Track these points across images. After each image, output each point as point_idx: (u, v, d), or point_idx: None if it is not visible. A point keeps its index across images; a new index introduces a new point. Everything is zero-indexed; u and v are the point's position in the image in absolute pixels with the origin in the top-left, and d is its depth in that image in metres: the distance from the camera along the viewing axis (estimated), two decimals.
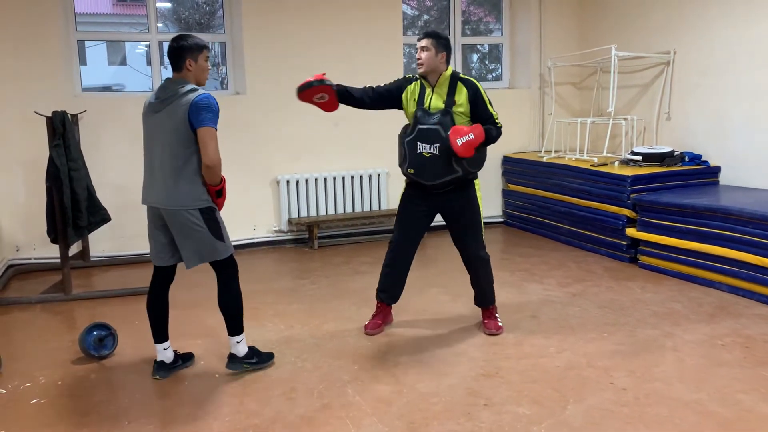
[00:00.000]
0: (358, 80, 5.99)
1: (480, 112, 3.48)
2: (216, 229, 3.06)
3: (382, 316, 3.80)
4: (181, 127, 2.92)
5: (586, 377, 3.10)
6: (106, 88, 7.65)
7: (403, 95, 3.63)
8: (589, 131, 6.04)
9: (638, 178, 5.06)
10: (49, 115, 4.33)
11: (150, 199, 3.08)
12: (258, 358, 3.26)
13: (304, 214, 5.99)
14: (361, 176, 6.14)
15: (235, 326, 3.21)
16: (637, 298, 4.24)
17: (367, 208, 6.20)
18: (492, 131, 3.48)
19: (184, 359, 3.35)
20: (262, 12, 5.66)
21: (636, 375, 3.11)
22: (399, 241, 3.72)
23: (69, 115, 4.51)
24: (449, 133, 3.36)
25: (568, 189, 5.67)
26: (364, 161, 6.16)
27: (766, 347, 3.40)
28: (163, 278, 3.26)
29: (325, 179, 6.02)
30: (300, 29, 5.79)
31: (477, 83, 3.51)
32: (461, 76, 3.53)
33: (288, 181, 5.89)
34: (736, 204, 4.35)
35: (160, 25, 5.86)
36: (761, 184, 5.00)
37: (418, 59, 3.50)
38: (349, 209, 6.14)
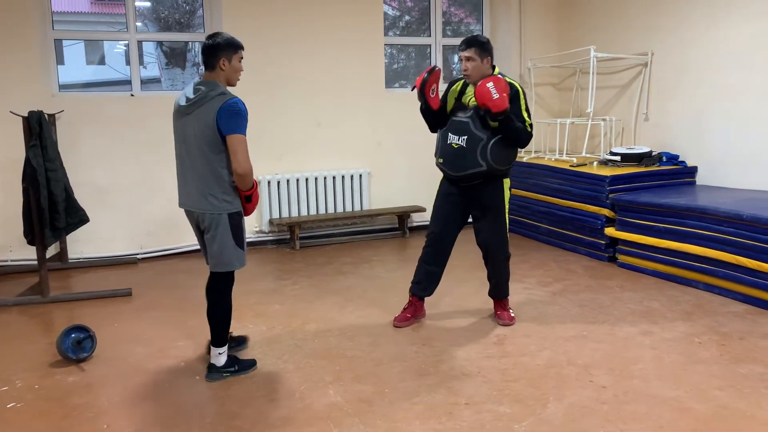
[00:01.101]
0: (340, 80, 6.02)
1: (513, 113, 3.47)
2: (239, 237, 3.06)
3: (412, 309, 3.83)
4: (209, 132, 2.90)
5: (566, 375, 3.13)
6: (87, 85, 7.55)
7: (448, 97, 3.70)
8: (569, 132, 6.09)
9: (617, 178, 5.12)
10: (25, 115, 4.27)
11: (185, 202, 3.10)
12: (238, 366, 3.22)
13: (285, 214, 5.97)
14: (342, 176, 6.13)
15: (219, 337, 3.18)
16: (616, 297, 4.29)
17: (348, 209, 6.19)
18: (518, 124, 3.48)
19: (237, 342, 3.45)
20: (243, 11, 5.63)
21: (615, 372, 3.14)
22: (436, 234, 3.76)
23: (46, 115, 4.45)
24: (477, 92, 3.36)
25: (548, 189, 5.71)
26: (346, 161, 6.15)
27: (741, 344, 3.46)
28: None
29: (307, 179, 6.01)
30: (280, 29, 5.77)
31: (519, 87, 3.55)
32: (507, 79, 3.54)
33: (269, 182, 5.87)
34: (713, 203, 4.41)
35: (139, 24, 5.80)
36: (737, 184, 5.08)
37: (465, 70, 3.53)
38: (330, 209, 6.13)
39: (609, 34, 6.13)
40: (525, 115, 3.53)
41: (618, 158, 5.48)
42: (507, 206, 3.70)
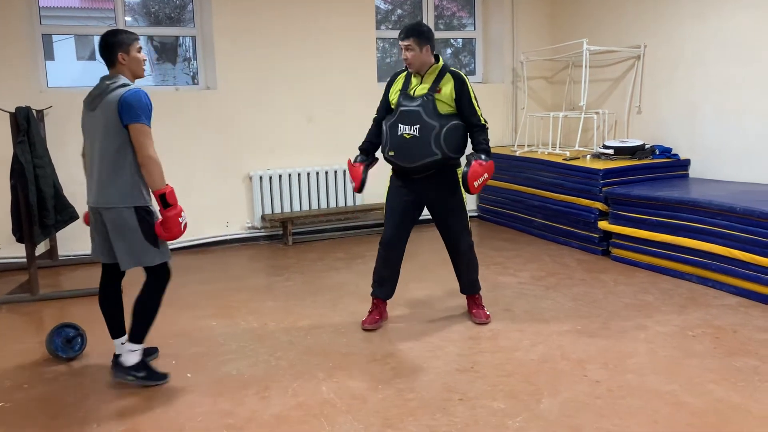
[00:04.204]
0: (330, 75, 5.98)
1: (464, 108, 3.48)
2: (150, 232, 2.94)
3: (378, 312, 3.78)
4: (111, 124, 2.86)
5: (561, 370, 3.12)
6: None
7: (390, 93, 3.63)
8: (562, 125, 6.08)
9: (610, 171, 5.11)
10: (13, 111, 4.22)
11: (89, 199, 3.02)
12: (147, 373, 3.06)
13: (277, 210, 5.94)
14: (335, 172, 6.10)
15: (137, 333, 3.03)
16: (610, 291, 4.28)
17: (341, 204, 6.16)
18: (486, 144, 3.55)
19: (147, 352, 3.24)
20: (233, 5, 5.58)
21: (609, 367, 3.13)
22: (389, 235, 3.70)
23: (34, 111, 4.40)
24: (468, 176, 3.40)
25: (541, 183, 5.70)
26: (338, 156, 6.11)
27: (735, 337, 3.45)
28: (110, 274, 3.15)
29: (299, 175, 5.98)
30: (272, 23, 5.73)
31: (465, 77, 3.53)
32: (451, 69, 3.54)
33: (261, 177, 5.83)
34: (706, 196, 4.41)
35: (128, 18, 5.75)
36: (729, 177, 5.08)
37: (405, 59, 3.49)
38: (323, 205, 6.10)
39: (601, 26, 6.11)
40: (476, 107, 3.51)
41: (611, 151, 5.46)
42: (464, 195, 3.65)
